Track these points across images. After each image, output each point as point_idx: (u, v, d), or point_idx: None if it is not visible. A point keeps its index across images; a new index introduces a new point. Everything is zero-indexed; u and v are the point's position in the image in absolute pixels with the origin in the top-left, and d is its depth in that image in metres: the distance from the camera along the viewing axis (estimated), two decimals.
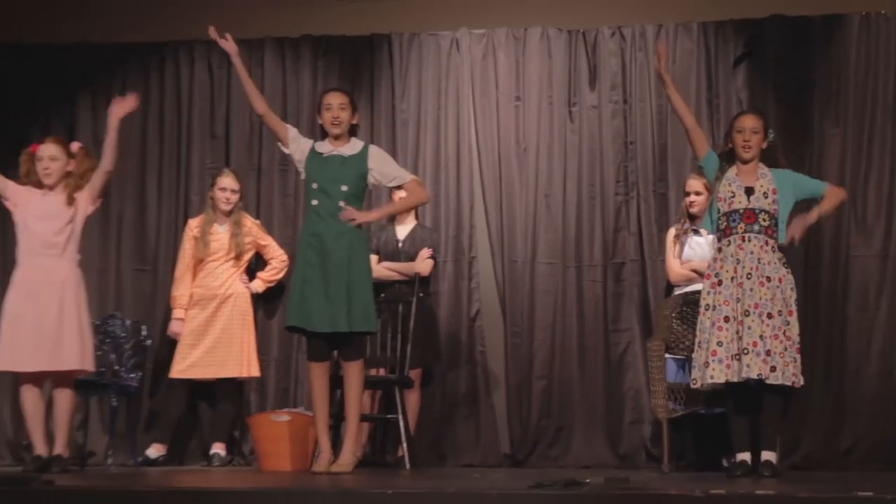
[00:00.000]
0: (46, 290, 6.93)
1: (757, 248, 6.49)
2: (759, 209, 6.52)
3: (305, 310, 6.70)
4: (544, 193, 8.45)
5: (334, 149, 6.86)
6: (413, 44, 8.69)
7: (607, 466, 7.95)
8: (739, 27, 8.41)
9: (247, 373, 8.18)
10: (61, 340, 6.89)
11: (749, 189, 6.56)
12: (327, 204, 6.76)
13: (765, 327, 6.38)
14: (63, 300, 6.94)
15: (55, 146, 7.18)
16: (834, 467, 7.80)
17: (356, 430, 6.88)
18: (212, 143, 8.81)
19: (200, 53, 8.85)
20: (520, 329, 8.36)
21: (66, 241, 7.03)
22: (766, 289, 6.43)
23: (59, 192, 7.10)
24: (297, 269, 6.84)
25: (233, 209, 8.23)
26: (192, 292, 8.19)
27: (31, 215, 7.05)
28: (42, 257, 6.99)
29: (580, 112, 8.49)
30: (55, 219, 7.02)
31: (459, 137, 8.57)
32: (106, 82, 8.90)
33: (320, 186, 6.78)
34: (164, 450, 8.24)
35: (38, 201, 7.08)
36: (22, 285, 6.99)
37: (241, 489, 4.95)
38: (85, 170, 7.17)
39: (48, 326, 6.88)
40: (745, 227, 6.52)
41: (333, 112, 6.85)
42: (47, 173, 7.09)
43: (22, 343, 6.88)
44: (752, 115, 6.79)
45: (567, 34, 8.55)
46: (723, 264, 6.54)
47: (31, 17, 9.00)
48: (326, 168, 6.80)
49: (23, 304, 6.92)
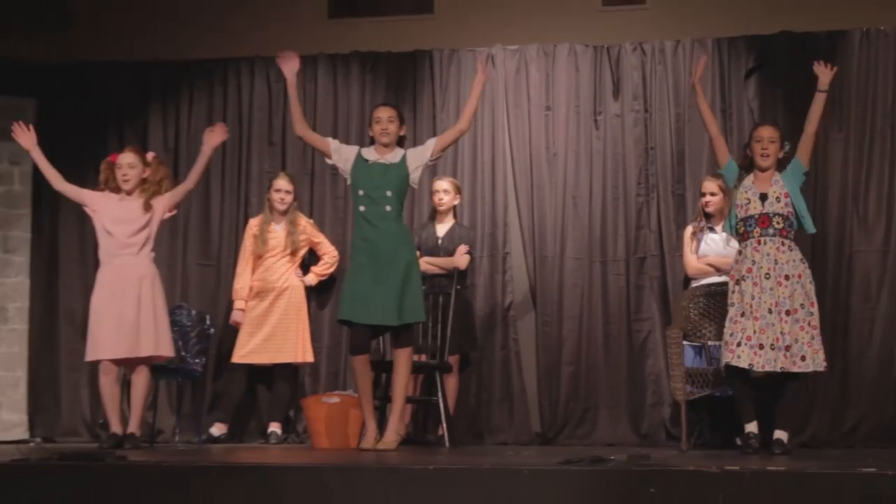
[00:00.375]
0: (126, 286, 6.97)
1: (773, 249, 6.44)
2: (773, 213, 6.48)
3: (360, 305, 6.66)
4: (572, 195, 8.40)
5: (379, 157, 6.82)
6: (452, 59, 8.64)
7: (630, 445, 7.90)
8: (751, 42, 8.33)
9: (301, 358, 8.15)
10: (139, 330, 6.94)
11: (763, 195, 6.53)
12: (374, 209, 6.72)
13: (784, 324, 6.33)
14: (141, 294, 6.97)
15: (133, 155, 7.20)
16: (839, 445, 7.74)
17: (401, 411, 6.83)
18: (269, 150, 8.79)
19: (260, 69, 8.83)
20: (550, 319, 8.30)
21: (142, 242, 7.05)
22: (784, 287, 6.38)
23: (136, 198, 7.12)
24: (352, 270, 6.80)
25: (288, 209, 8.21)
26: (251, 285, 8.18)
27: (109, 219, 7.07)
28: (120, 257, 7.03)
29: (605, 120, 8.43)
30: (131, 223, 7.04)
31: (494, 144, 8.52)
32: (174, 96, 8.92)
33: (366, 193, 6.74)
34: (225, 429, 8.22)
35: (115, 206, 7.10)
36: (104, 284, 7.03)
37: (295, 464, 4.91)
38: (160, 178, 7.21)
39: (128, 318, 6.92)
40: (761, 231, 6.49)
41: (382, 124, 6.83)
42: (126, 179, 7.11)
43: (105, 335, 6.92)
44: (770, 126, 6.78)
45: (593, 50, 8.49)
46: (742, 265, 6.50)
47: (107, 38, 9.02)
48: (371, 175, 6.76)
49: (106, 301, 6.96)
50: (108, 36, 9.02)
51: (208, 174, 8.76)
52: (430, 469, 4.62)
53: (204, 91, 8.90)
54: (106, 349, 6.93)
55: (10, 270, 8.62)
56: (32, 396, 8.67)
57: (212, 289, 8.65)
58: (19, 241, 8.67)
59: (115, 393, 7.07)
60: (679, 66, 8.35)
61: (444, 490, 4.57)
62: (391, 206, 6.73)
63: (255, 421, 8.43)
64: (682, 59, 8.35)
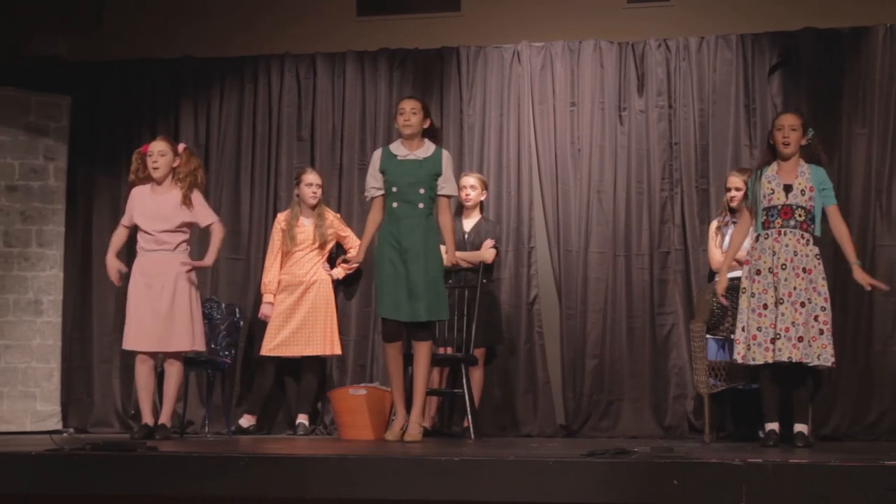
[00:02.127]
0: (161, 280, 6.97)
1: (793, 241, 6.39)
2: (795, 205, 6.43)
3: (396, 303, 6.68)
4: (597, 189, 8.37)
5: (409, 152, 6.80)
6: (479, 56, 8.62)
7: (653, 437, 7.87)
8: (774, 39, 8.28)
9: (330, 351, 8.15)
10: (173, 325, 6.94)
11: (788, 186, 6.46)
12: (405, 207, 6.72)
13: (797, 315, 6.29)
14: (176, 289, 6.96)
15: (164, 143, 7.20)
16: (862, 438, 7.69)
17: (422, 403, 6.84)
18: (298, 146, 8.79)
19: (289, 66, 8.84)
20: (574, 312, 8.27)
21: (177, 241, 7.03)
22: (800, 279, 6.34)
23: (169, 190, 7.09)
24: (383, 267, 6.76)
25: (317, 203, 8.20)
26: (280, 279, 8.18)
27: (144, 216, 7.07)
28: (155, 253, 7.01)
29: (629, 116, 8.39)
30: (167, 220, 7.03)
31: (520, 140, 8.49)
32: (206, 92, 8.94)
33: (400, 190, 6.73)
34: (254, 420, 8.23)
35: (149, 200, 7.09)
36: (140, 276, 7.03)
37: (323, 455, 4.89)
38: (193, 168, 7.15)
39: (162, 312, 6.92)
40: (783, 223, 6.43)
41: (405, 116, 6.82)
42: (156, 167, 7.08)
43: (141, 326, 6.94)
44: (792, 113, 6.70)
45: (617, 46, 8.45)
46: (760, 255, 6.45)
47: (139, 36, 9.07)
48: (405, 172, 6.75)
49: (142, 292, 6.97)
50: (141, 34, 9.07)
51: (238, 169, 8.83)
52: (455, 460, 4.60)
53: (234, 87, 8.92)
54: (140, 341, 6.95)
55: (45, 264, 8.66)
56: (66, 387, 8.70)
57: (241, 282, 8.67)
58: (53, 235, 8.70)
59: (150, 384, 7.08)
60: (703, 63, 8.31)
61: (468, 481, 4.55)
62: (424, 202, 6.73)
63: (283, 413, 8.44)
64: (707, 56, 8.31)
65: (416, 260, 6.66)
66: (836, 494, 4.32)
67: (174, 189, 7.11)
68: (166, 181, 7.13)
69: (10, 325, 8.53)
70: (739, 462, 4.41)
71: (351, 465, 4.71)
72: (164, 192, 7.11)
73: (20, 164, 8.63)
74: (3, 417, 8.42)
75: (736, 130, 8.22)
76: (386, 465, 4.71)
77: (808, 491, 4.34)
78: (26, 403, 8.51)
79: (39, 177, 8.69)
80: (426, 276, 6.66)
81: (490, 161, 8.48)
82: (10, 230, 8.58)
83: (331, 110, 8.77)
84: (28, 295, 8.60)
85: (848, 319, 7.91)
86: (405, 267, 6.66)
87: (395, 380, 6.82)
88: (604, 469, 4.51)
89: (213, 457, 4.91)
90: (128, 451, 5.10)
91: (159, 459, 4.98)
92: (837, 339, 7.74)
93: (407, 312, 6.68)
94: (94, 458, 4.96)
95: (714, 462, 4.47)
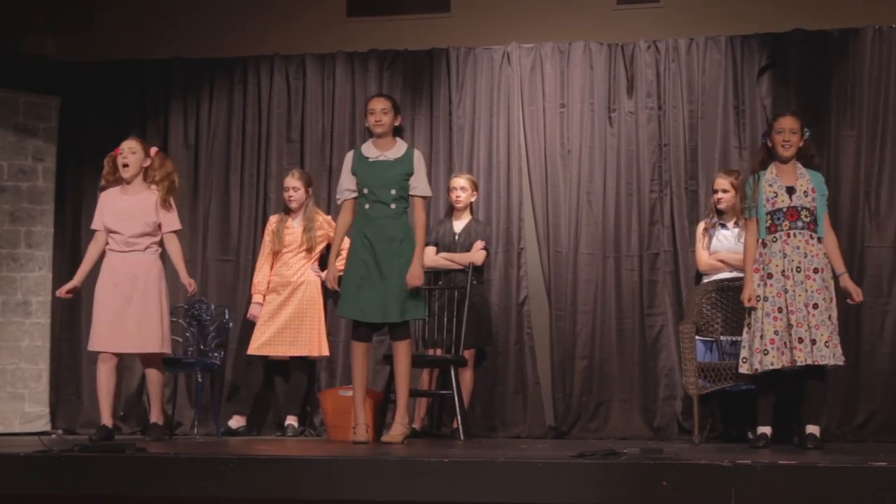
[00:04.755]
0: (130, 281, 6.93)
1: (802, 242, 6.38)
2: (800, 207, 6.41)
3: (360, 303, 6.59)
4: (586, 191, 8.37)
5: (380, 153, 6.73)
6: (468, 57, 8.62)
7: (643, 438, 7.88)
8: (763, 40, 8.29)
9: (317, 352, 8.13)
10: (143, 327, 6.90)
11: (790, 188, 6.44)
12: (377, 208, 6.64)
13: (811, 317, 6.27)
14: (146, 290, 6.93)
15: (134, 141, 7.18)
16: (850, 439, 7.70)
17: (406, 403, 6.75)
18: (288, 147, 8.78)
19: (279, 66, 8.83)
20: (564, 313, 8.27)
21: (148, 243, 7.00)
22: (812, 281, 6.32)
23: (139, 191, 7.06)
24: (352, 266, 6.68)
25: (301, 206, 8.18)
26: (269, 280, 8.17)
27: (114, 216, 7.03)
28: (126, 254, 6.99)
29: (619, 117, 8.40)
30: (138, 221, 6.98)
31: (510, 141, 8.49)
32: (195, 93, 8.93)
33: (371, 191, 6.66)
34: (244, 421, 8.21)
35: (120, 202, 7.05)
36: (108, 275, 6.98)
37: (312, 457, 4.89)
38: (169, 171, 7.13)
39: (131, 314, 6.88)
40: (790, 225, 6.40)
41: (376, 115, 6.73)
42: (125, 163, 7.05)
43: (104, 327, 6.89)
44: (791, 116, 6.64)
45: (607, 47, 8.46)
46: (771, 259, 6.42)
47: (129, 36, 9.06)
48: (375, 173, 6.67)
49: (110, 292, 6.92)
50: (131, 34, 9.05)
51: (227, 170, 8.81)
52: (445, 462, 4.60)
53: (224, 88, 8.90)
54: (103, 342, 6.89)
55: (34, 265, 8.64)
56: (54, 389, 8.68)
57: (231, 283, 8.65)
58: (42, 236, 8.68)
59: (110, 384, 6.94)
60: (693, 64, 8.32)
61: (458, 482, 4.55)
62: (396, 203, 6.65)
63: (272, 414, 8.42)
64: (696, 57, 8.32)
65: (389, 260, 6.58)
66: (824, 495, 4.33)
67: (146, 190, 7.07)
68: (137, 181, 7.09)
69: None
70: (728, 463, 4.42)
71: (340, 467, 4.71)
72: (136, 192, 7.07)
73: (9, 165, 8.61)
74: None
75: (725, 132, 8.23)
76: (375, 466, 4.71)
77: (796, 492, 4.35)
78: (15, 404, 8.48)
79: (28, 178, 8.67)
80: (399, 277, 6.57)
81: (480, 162, 8.48)
82: None
83: (320, 111, 8.77)
84: (17, 296, 8.57)
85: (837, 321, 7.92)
86: (378, 268, 6.58)
87: (359, 382, 6.67)
88: (593, 470, 4.51)
89: (202, 458, 4.91)
90: (117, 452, 5.09)
91: (148, 461, 4.97)
92: None
93: (378, 313, 6.58)
94: (83, 459, 4.96)
95: (703, 463, 4.48)
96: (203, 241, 8.73)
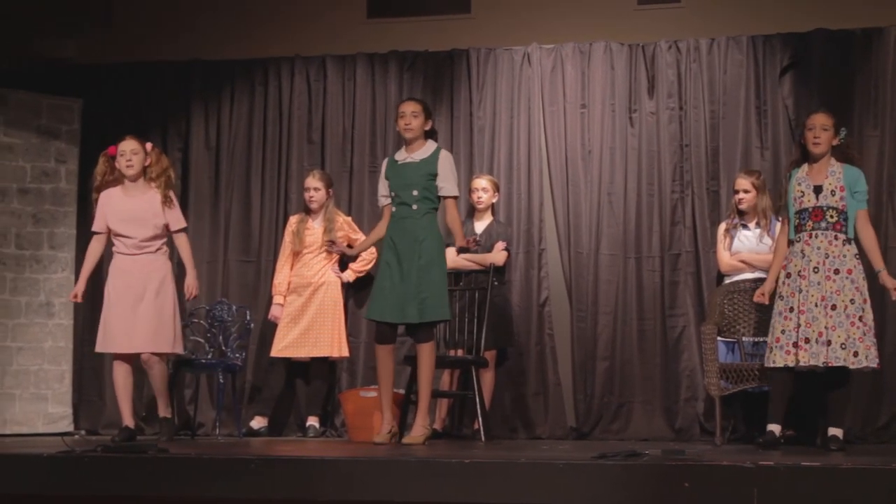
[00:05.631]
0: (142, 282, 6.93)
1: (825, 243, 6.29)
2: (826, 206, 6.32)
3: (382, 303, 6.61)
4: (607, 191, 8.36)
5: (408, 155, 6.74)
6: (489, 58, 8.62)
7: (664, 439, 7.86)
8: (786, 40, 8.26)
9: (338, 353, 8.15)
10: (155, 327, 6.89)
11: (818, 188, 6.36)
12: (402, 210, 6.66)
13: (828, 318, 6.18)
14: (159, 291, 6.93)
15: (134, 141, 7.12)
16: (872, 441, 7.66)
17: (427, 406, 6.74)
18: (309, 148, 8.80)
19: (299, 68, 8.85)
20: (585, 314, 8.26)
21: (158, 244, 7.01)
22: (832, 282, 6.23)
23: (143, 192, 7.06)
24: (380, 269, 6.75)
25: (321, 207, 8.20)
26: (290, 280, 8.18)
27: (118, 219, 7.02)
28: (136, 256, 6.99)
29: (640, 118, 8.39)
30: (145, 223, 6.98)
31: (530, 142, 8.49)
32: (216, 95, 8.96)
33: (398, 194, 6.69)
34: (265, 422, 8.22)
35: (123, 203, 7.04)
36: (117, 276, 6.99)
37: (333, 458, 4.90)
38: (164, 167, 7.12)
39: (143, 315, 6.88)
40: (814, 225, 6.33)
41: (406, 119, 6.75)
42: (129, 164, 7.03)
43: (116, 328, 6.89)
44: (823, 113, 6.55)
45: (628, 48, 8.45)
46: (792, 259, 6.37)
47: (150, 38, 9.08)
48: (401, 176, 6.69)
49: (121, 293, 6.92)
50: (151, 37, 9.08)
51: (248, 172, 8.83)
52: (465, 462, 4.60)
53: (245, 90, 8.92)
54: (116, 343, 6.90)
55: (56, 266, 8.68)
56: (77, 389, 8.73)
57: (252, 284, 8.67)
58: (65, 237, 8.72)
59: (127, 385, 6.97)
60: (714, 64, 8.30)
61: (479, 483, 4.55)
62: (418, 204, 6.65)
63: (293, 415, 8.44)
64: (717, 57, 8.30)
65: (409, 260, 6.58)
66: (847, 498, 4.31)
67: (150, 190, 7.07)
68: (139, 181, 7.09)
69: (22, 327, 8.55)
70: (751, 464, 4.41)
71: (361, 468, 4.71)
72: (139, 193, 7.07)
73: (32, 167, 8.65)
74: (15, 419, 8.45)
75: (747, 132, 8.21)
76: (396, 467, 4.71)
77: (819, 494, 4.33)
78: (38, 405, 8.53)
79: (51, 179, 8.71)
80: (419, 278, 6.57)
81: (500, 163, 8.47)
82: (22, 233, 8.60)
83: (341, 113, 8.78)
84: (40, 297, 8.62)
85: None
86: (399, 268, 6.59)
87: (383, 382, 6.68)
88: (615, 471, 4.50)
89: (223, 459, 4.91)
90: (139, 452, 5.11)
91: (170, 461, 4.99)
92: None
93: (398, 314, 6.59)
94: (106, 460, 4.97)
95: (725, 465, 4.47)
96: (224, 242, 8.75)
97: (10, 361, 8.47)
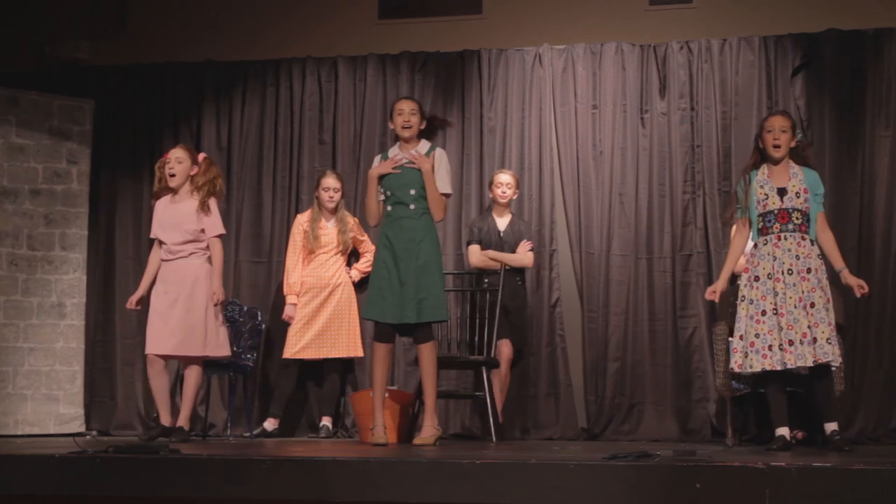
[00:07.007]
0: (177, 287, 6.99)
1: (794, 245, 6.20)
2: (792, 208, 6.23)
3: (380, 303, 6.58)
4: (618, 192, 8.35)
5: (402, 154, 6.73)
6: (500, 58, 8.62)
7: (676, 440, 7.86)
8: (797, 40, 8.26)
9: (353, 353, 8.15)
10: (188, 330, 6.94)
11: (781, 190, 6.26)
12: (398, 209, 6.63)
13: (809, 316, 6.12)
14: (191, 296, 6.98)
15: (182, 150, 7.21)
16: (885, 442, 7.65)
17: (434, 406, 6.68)
18: (320, 149, 8.81)
19: (311, 69, 8.87)
20: (596, 315, 8.26)
21: (191, 249, 7.04)
22: (807, 281, 6.15)
23: (185, 199, 7.11)
24: (375, 269, 6.69)
25: (337, 206, 8.20)
26: (303, 281, 8.17)
27: (160, 226, 7.10)
28: (173, 262, 7.05)
29: (651, 118, 8.38)
30: (181, 229, 7.03)
31: (542, 142, 8.49)
32: (228, 96, 8.97)
33: (393, 193, 6.64)
34: (277, 423, 8.22)
35: (167, 211, 7.11)
36: (160, 283, 7.07)
37: (344, 458, 4.89)
38: (211, 177, 7.15)
39: (177, 317, 6.94)
40: (781, 227, 6.23)
41: (405, 116, 6.71)
42: (172, 173, 7.10)
43: (150, 330, 6.98)
44: (781, 115, 6.47)
45: (639, 48, 8.44)
46: (759, 262, 6.26)
47: (162, 40, 9.11)
48: (397, 175, 6.65)
49: (160, 299, 7.00)
50: (164, 38, 9.11)
51: (260, 173, 8.84)
52: (477, 463, 4.59)
53: (257, 91, 8.94)
54: (154, 345, 6.96)
55: (68, 267, 8.70)
56: (88, 390, 8.74)
57: (263, 285, 8.69)
58: (77, 238, 8.74)
59: (162, 384, 7.04)
60: (725, 64, 8.29)
61: (490, 484, 4.55)
62: (415, 203, 6.61)
63: (305, 415, 8.44)
64: (729, 58, 8.29)
65: (406, 261, 6.55)
66: (859, 498, 4.30)
67: (191, 198, 7.11)
68: (183, 190, 7.13)
69: (34, 328, 8.57)
70: (762, 465, 4.40)
71: (373, 468, 4.71)
72: (181, 200, 7.13)
73: (44, 168, 8.67)
74: (27, 420, 8.46)
75: None
76: (408, 467, 4.71)
77: (831, 495, 4.32)
78: (50, 406, 8.54)
79: (63, 180, 8.73)
80: (418, 279, 6.54)
81: (512, 163, 8.47)
82: (34, 233, 8.62)
83: (352, 113, 8.79)
84: (52, 298, 8.64)
85: (871, 322, 7.87)
86: (397, 268, 6.56)
87: (377, 381, 6.64)
88: (626, 472, 4.50)
89: (235, 459, 4.91)
90: (151, 453, 5.11)
91: (182, 462, 4.99)
92: (861, 342, 7.75)
93: (396, 314, 6.55)
94: (118, 461, 4.98)
95: (737, 465, 4.45)
96: (235, 242, 8.76)
97: (21, 362, 8.49)
